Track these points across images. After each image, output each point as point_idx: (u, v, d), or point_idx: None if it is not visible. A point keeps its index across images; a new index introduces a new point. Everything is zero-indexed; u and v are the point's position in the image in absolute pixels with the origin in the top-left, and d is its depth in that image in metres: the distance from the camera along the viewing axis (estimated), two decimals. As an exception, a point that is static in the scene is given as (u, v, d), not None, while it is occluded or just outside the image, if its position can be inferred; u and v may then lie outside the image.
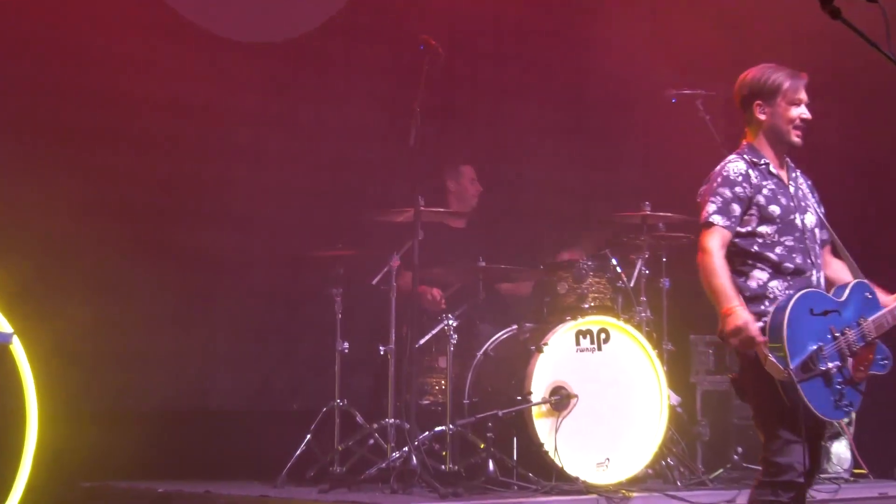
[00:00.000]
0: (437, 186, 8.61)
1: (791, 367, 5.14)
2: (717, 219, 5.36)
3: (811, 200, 5.58)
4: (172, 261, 8.52)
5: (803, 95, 5.49)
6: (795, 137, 5.48)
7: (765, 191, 5.42)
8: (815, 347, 5.23)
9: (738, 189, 5.40)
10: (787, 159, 5.56)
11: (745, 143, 5.53)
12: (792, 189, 5.50)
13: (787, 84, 5.45)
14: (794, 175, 5.57)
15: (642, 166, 10.24)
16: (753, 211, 5.41)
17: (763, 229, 5.39)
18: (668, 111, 8.58)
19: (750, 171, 5.42)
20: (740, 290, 5.32)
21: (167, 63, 8.59)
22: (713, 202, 5.39)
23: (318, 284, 8.32)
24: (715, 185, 5.43)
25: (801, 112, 5.47)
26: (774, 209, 5.42)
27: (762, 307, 5.31)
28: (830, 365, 5.25)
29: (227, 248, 8.80)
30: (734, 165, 5.44)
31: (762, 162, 5.46)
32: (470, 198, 8.75)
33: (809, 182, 5.65)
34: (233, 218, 8.87)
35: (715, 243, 5.32)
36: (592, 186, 10.09)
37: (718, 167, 5.47)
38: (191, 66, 8.66)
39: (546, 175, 9.95)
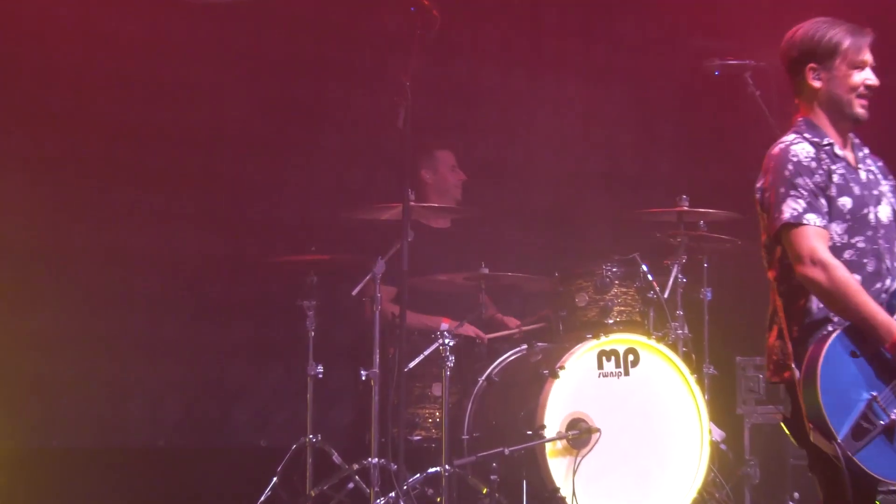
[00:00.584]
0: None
1: (839, 439, 4.80)
2: (812, 218, 4.97)
3: (886, 188, 5.21)
4: (105, 265, 8.43)
5: (868, 56, 5.16)
6: (860, 108, 5.15)
7: (835, 177, 5.07)
8: (866, 400, 4.86)
9: (817, 178, 5.03)
10: (853, 136, 5.24)
11: (799, 118, 5.19)
12: (863, 175, 5.16)
13: (847, 42, 5.13)
14: (861, 155, 5.24)
15: (679, 152, 10.01)
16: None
17: (831, 228, 5.04)
18: (710, 86, 8.48)
19: (820, 154, 5.10)
20: (795, 315, 5.01)
21: (101, 30, 8.48)
22: (798, 197, 4.98)
23: (286, 296, 8.15)
24: (787, 173, 5.01)
25: (866, 77, 5.14)
26: (845, 202, 5.06)
27: (825, 333, 4.94)
28: (893, 414, 4.87)
29: (174, 251, 8.71)
30: (801, 148, 5.06)
31: (825, 142, 5.12)
32: (451, 189, 8.66)
33: (881, 163, 5.31)
34: (180, 214, 8.76)
35: (825, 250, 4.95)
36: (618, 176, 9.90)
37: (777, 151, 5.09)
38: (128, 32, 8.56)
39: (561, 162, 9.75)
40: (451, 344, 7.64)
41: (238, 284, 8.89)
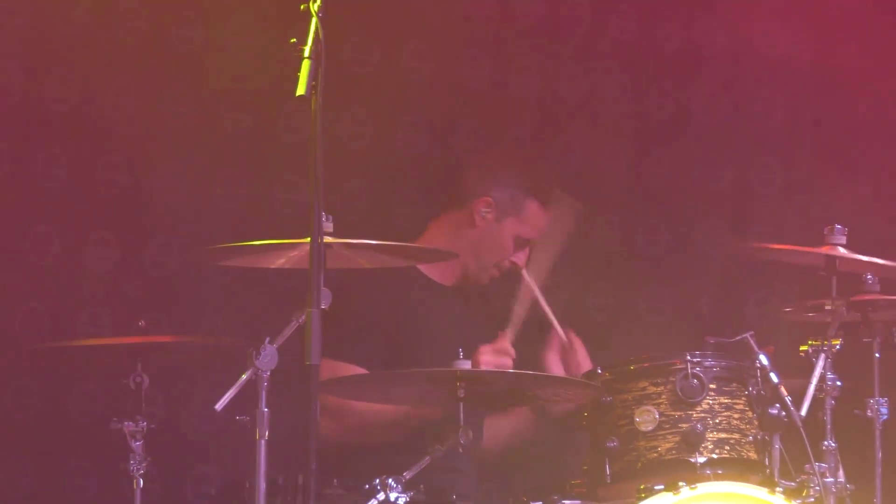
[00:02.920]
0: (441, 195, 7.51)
1: None
2: None
3: None
4: None
5: None
6: None
7: None
8: None
9: None
10: None
11: None
12: None
13: None
14: None
15: (819, 147, 8.58)
16: None
17: None
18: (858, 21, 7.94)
19: None
20: None
21: None
22: None
23: (92, 415, 7.45)
24: None
25: None
26: None
27: None
28: None
29: None
30: None
31: None
32: (492, 265, 7.75)
33: None
34: None
35: None
36: (708, 192, 8.51)
37: None
38: None
39: (623, 175, 8.43)
40: (402, 501, 6.38)
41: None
